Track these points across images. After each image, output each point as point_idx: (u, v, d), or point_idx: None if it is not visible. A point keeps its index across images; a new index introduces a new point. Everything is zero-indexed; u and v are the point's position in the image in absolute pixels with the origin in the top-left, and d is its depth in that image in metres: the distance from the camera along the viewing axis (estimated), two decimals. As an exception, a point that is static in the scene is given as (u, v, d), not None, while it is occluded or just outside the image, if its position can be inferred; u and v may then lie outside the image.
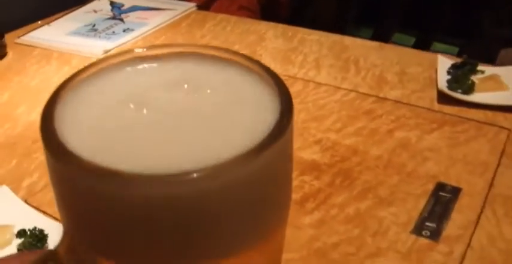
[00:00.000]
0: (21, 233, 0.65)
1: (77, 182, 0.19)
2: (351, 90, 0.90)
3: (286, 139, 0.21)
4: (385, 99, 0.88)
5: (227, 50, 0.23)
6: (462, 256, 0.61)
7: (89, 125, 0.21)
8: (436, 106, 0.86)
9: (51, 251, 0.23)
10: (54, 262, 0.23)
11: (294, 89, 0.90)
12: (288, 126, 0.21)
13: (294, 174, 0.73)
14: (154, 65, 0.24)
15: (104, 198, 0.19)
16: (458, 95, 0.86)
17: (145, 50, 0.25)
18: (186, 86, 0.23)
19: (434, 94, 0.88)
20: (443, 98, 0.87)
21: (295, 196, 0.69)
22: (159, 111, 0.22)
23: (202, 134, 0.21)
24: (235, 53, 0.23)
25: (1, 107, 0.91)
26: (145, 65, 0.24)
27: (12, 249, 0.65)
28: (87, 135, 0.21)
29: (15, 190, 0.72)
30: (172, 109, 0.22)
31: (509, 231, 0.64)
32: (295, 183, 0.71)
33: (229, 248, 0.22)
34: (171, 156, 0.20)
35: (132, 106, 0.22)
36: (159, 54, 0.25)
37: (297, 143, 0.78)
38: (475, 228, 0.64)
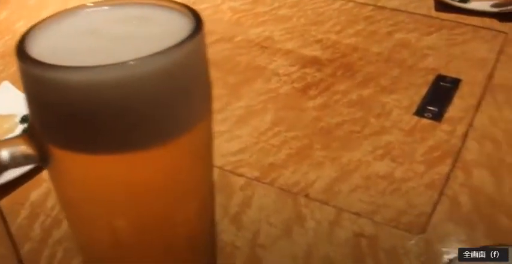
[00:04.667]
0: (24, 119, 0.65)
1: (34, 76, 0.27)
2: (349, 1, 0.90)
3: (197, 43, 0.28)
4: (383, 7, 0.88)
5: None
6: (465, 134, 0.61)
7: (51, 45, 0.29)
8: (434, 13, 0.86)
9: (17, 136, 0.30)
10: (21, 145, 0.29)
11: (291, -1, 0.90)
12: (197, 36, 0.28)
13: (295, 67, 0.73)
14: (111, 8, 0.33)
15: (51, 87, 0.26)
16: (455, 3, 0.86)
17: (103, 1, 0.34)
18: (134, 22, 0.31)
19: (431, 3, 0.89)
20: (440, 6, 0.87)
21: (297, 86, 0.69)
22: (108, 38, 0.29)
23: (140, 48, 0.28)
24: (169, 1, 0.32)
25: (0, 23, 0.90)
26: (104, 8, 0.33)
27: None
28: (49, 51, 0.28)
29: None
30: (120, 36, 0.30)
31: (510, 114, 0.65)
32: (296, 75, 0.71)
33: (156, 136, 0.27)
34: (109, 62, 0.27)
35: (87, 34, 0.30)
36: (114, 3, 0.33)
37: (297, 42, 0.77)
38: (476, 111, 0.65)
